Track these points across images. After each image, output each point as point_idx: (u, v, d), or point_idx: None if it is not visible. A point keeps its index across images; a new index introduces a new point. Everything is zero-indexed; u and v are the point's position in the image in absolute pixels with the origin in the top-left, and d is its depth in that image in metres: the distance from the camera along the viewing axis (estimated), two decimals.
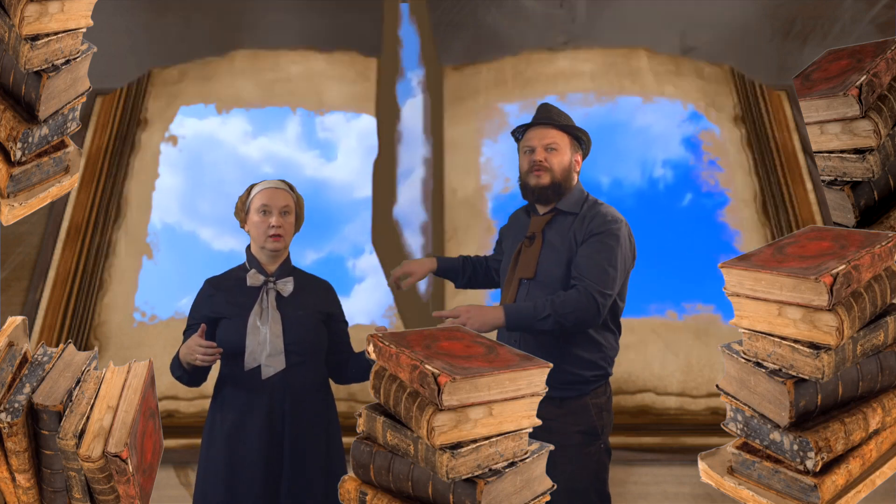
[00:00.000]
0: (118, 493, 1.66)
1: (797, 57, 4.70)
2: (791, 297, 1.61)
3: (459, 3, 4.84)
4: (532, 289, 2.74)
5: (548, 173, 2.79)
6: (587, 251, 2.70)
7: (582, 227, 2.75)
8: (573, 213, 2.80)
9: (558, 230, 2.79)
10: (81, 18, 1.87)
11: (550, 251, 2.76)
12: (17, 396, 1.63)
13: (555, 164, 2.79)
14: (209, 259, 4.36)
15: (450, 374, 1.54)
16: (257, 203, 2.72)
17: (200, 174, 4.58)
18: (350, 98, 4.79)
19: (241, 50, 4.88)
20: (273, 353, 2.62)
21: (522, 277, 2.76)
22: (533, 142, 2.82)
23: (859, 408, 1.69)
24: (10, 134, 1.81)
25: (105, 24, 2.22)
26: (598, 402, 2.72)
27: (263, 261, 2.73)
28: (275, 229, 2.68)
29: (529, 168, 2.81)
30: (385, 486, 1.69)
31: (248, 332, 2.62)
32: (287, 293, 2.69)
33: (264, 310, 2.66)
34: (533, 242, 2.79)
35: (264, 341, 2.62)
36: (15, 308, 4.15)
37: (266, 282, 2.70)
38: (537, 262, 2.75)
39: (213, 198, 4.53)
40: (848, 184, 1.93)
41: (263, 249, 2.72)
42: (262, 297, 2.68)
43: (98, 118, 4.78)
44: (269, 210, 2.70)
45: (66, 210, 4.46)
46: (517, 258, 2.81)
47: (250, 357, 2.62)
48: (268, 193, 2.72)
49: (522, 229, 2.89)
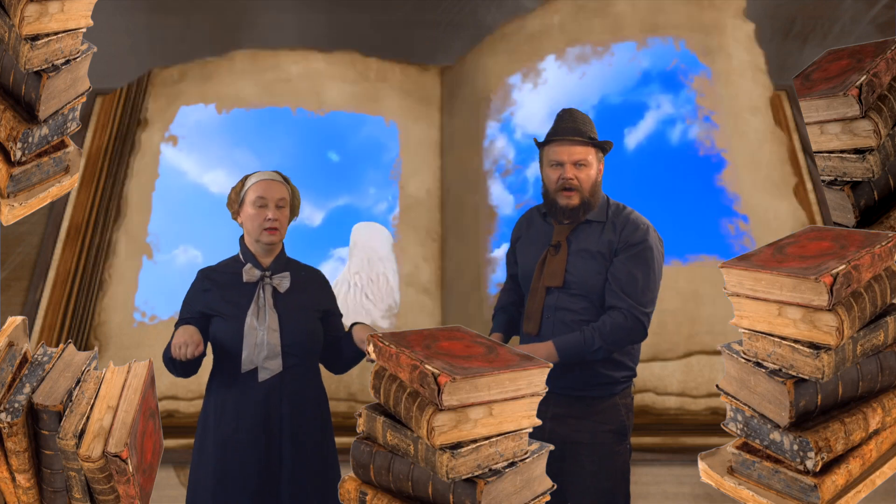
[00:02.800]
0: (118, 493, 1.66)
1: (797, 57, 4.70)
2: (791, 297, 1.61)
3: (459, 3, 4.84)
4: (561, 297, 2.69)
5: (577, 193, 2.69)
6: (626, 267, 2.66)
7: (616, 236, 2.70)
8: (600, 221, 2.74)
9: (587, 238, 2.72)
10: (81, 18, 1.88)
11: (581, 259, 2.70)
12: (17, 396, 1.63)
13: (584, 180, 2.70)
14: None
15: (450, 374, 1.54)
16: (252, 195, 2.65)
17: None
18: (350, 98, 4.79)
19: (241, 50, 4.87)
20: (270, 355, 2.57)
21: (550, 286, 2.70)
22: (562, 157, 2.70)
23: (859, 408, 1.69)
24: (10, 134, 1.82)
25: (105, 24, 2.22)
26: (626, 402, 2.73)
27: (258, 253, 2.67)
28: (270, 222, 2.62)
29: (559, 187, 2.70)
30: (385, 486, 1.69)
31: (245, 333, 2.57)
32: (284, 289, 2.64)
33: (261, 309, 2.60)
34: (559, 251, 2.72)
35: (262, 343, 2.57)
36: (15, 308, 4.15)
37: (262, 277, 2.64)
38: (565, 271, 2.70)
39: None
40: (848, 184, 1.93)
41: (258, 243, 2.65)
42: (259, 294, 2.62)
43: (98, 118, 4.78)
44: (266, 203, 2.63)
45: (66, 210, 4.45)
46: (542, 266, 2.73)
47: (247, 360, 2.56)
48: (263, 185, 2.66)
49: (541, 234, 2.80)
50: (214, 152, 4.60)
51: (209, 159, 4.59)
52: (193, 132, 4.67)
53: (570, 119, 2.77)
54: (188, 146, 4.64)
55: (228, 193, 2.74)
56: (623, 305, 2.63)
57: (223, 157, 4.59)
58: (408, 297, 4.27)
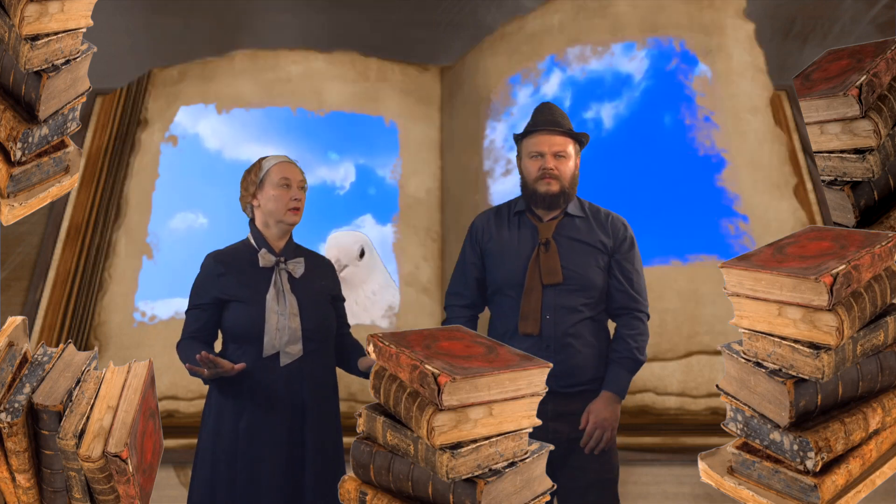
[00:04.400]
0: (118, 493, 1.66)
1: (797, 57, 4.70)
2: (791, 297, 1.61)
3: (459, 3, 4.84)
4: (560, 294, 2.71)
5: (557, 181, 2.75)
6: (632, 266, 2.78)
7: (608, 236, 2.78)
8: (579, 216, 2.81)
9: (575, 231, 2.78)
10: (81, 18, 1.88)
11: (575, 253, 2.75)
12: (17, 396, 1.63)
13: (563, 171, 2.77)
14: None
15: (450, 374, 1.54)
16: (275, 176, 2.64)
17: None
18: (350, 98, 4.79)
19: (241, 50, 4.87)
20: (292, 340, 2.55)
21: (550, 283, 2.71)
22: (542, 147, 2.77)
23: (859, 408, 1.69)
24: (10, 134, 1.82)
25: (105, 24, 2.22)
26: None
27: (271, 238, 2.66)
28: (296, 202, 2.64)
29: (539, 175, 2.76)
30: (385, 486, 1.69)
31: (266, 317, 2.55)
32: (298, 274, 2.63)
33: (280, 293, 2.58)
34: (549, 248, 2.75)
35: (283, 327, 2.55)
36: (15, 308, 4.15)
37: (277, 262, 2.63)
38: (562, 266, 2.73)
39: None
40: (848, 184, 1.93)
41: (280, 223, 2.64)
42: (276, 278, 2.60)
43: (98, 118, 4.78)
44: (289, 183, 2.65)
45: (66, 210, 4.45)
46: (536, 265, 2.74)
47: (269, 344, 2.54)
48: (286, 167, 2.68)
49: (519, 233, 2.81)
50: (214, 152, 4.61)
51: (209, 159, 4.59)
52: (193, 132, 4.67)
53: (548, 112, 2.85)
54: (188, 146, 4.64)
55: (243, 176, 2.71)
56: (638, 307, 2.75)
57: (223, 156, 4.60)
58: (408, 297, 4.26)
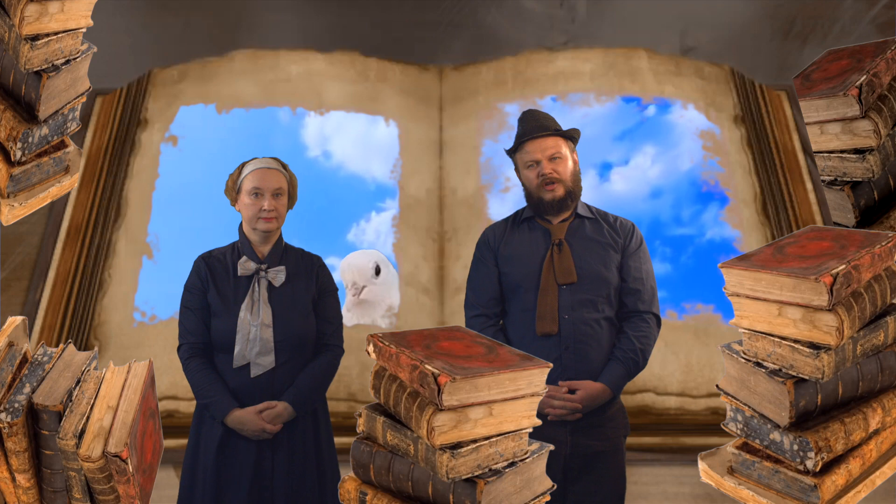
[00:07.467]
0: (118, 493, 1.66)
1: (797, 57, 4.70)
2: (791, 297, 1.61)
3: (459, 3, 4.84)
4: (575, 294, 2.70)
5: (561, 184, 2.73)
6: (641, 268, 2.76)
7: (620, 237, 2.78)
8: (589, 217, 2.80)
9: (586, 233, 2.77)
10: (81, 18, 1.87)
11: (588, 252, 2.74)
12: (17, 396, 1.63)
13: (563, 172, 2.74)
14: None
15: (450, 374, 1.54)
16: (248, 185, 2.62)
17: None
18: (350, 98, 4.79)
19: (241, 50, 4.87)
20: (263, 351, 2.55)
21: (565, 283, 2.70)
22: (536, 155, 2.74)
23: (859, 408, 1.69)
24: (10, 134, 1.81)
25: (105, 24, 2.22)
26: (621, 400, 2.80)
27: (255, 242, 2.66)
28: (266, 213, 2.60)
29: (540, 183, 2.73)
30: (385, 486, 1.69)
31: (238, 327, 2.55)
32: (279, 283, 2.62)
33: (255, 303, 2.58)
34: (562, 248, 2.73)
35: (255, 339, 2.55)
36: (15, 308, 4.15)
37: (258, 270, 2.62)
38: (576, 266, 2.72)
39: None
40: (848, 184, 1.93)
41: (255, 230, 2.64)
42: (254, 288, 2.60)
43: (98, 118, 4.78)
44: (261, 192, 2.61)
45: (66, 210, 4.45)
46: (551, 265, 2.73)
47: (239, 355, 2.55)
48: (259, 175, 2.62)
49: (531, 237, 2.80)
50: (214, 152, 4.60)
51: (209, 159, 4.59)
52: (193, 132, 4.67)
53: (532, 118, 2.82)
54: (188, 146, 4.64)
55: (226, 181, 2.71)
56: (647, 308, 2.74)
57: (223, 157, 4.59)
58: (408, 297, 4.26)
